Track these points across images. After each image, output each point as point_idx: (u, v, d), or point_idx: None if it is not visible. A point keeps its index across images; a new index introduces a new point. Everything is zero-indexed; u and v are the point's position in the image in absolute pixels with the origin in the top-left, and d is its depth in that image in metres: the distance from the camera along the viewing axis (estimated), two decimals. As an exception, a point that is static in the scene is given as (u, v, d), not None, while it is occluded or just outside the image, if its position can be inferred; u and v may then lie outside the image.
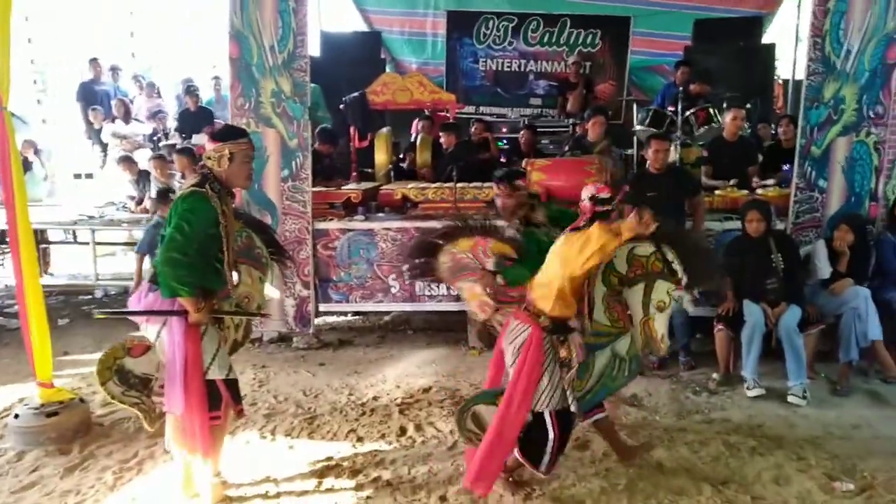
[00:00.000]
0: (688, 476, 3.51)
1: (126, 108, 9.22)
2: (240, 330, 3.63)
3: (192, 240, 2.94)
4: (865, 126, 5.15)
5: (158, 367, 3.25)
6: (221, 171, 3.06)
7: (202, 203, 2.98)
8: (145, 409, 3.21)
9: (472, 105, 9.36)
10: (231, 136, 3.13)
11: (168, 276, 2.93)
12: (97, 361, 3.14)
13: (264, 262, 3.67)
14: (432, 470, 3.62)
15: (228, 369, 3.19)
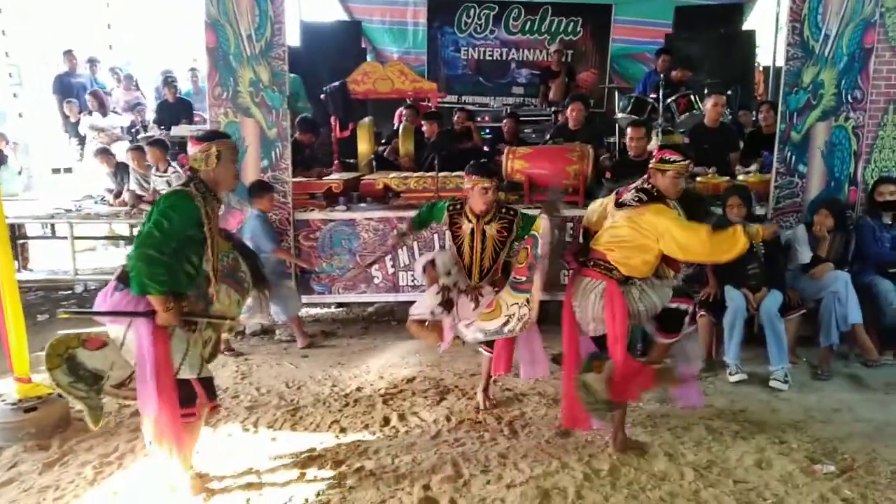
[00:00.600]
0: (671, 461, 3.52)
1: (101, 101, 9.06)
2: (208, 346, 3.46)
3: (170, 238, 2.88)
4: (844, 111, 5.17)
5: (112, 365, 3.15)
6: (209, 170, 3.02)
7: (185, 201, 2.92)
8: (91, 404, 3.09)
9: (454, 94, 9.31)
10: (216, 136, 3.13)
11: (141, 272, 2.84)
12: (47, 345, 3.04)
13: (246, 286, 3.57)
14: (416, 459, 3.60)
15: (200, 367, 3.13)
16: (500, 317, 3.96)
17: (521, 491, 3.25)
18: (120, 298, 2.97)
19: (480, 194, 3.92)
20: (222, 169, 3.05)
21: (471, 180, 3.95)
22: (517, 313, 3.94)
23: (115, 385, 3.21)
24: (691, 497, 3.19)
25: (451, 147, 6.93)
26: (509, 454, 3.64)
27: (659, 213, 3.31)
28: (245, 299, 3.58)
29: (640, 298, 3.42)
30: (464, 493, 3.27)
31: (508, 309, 3.99)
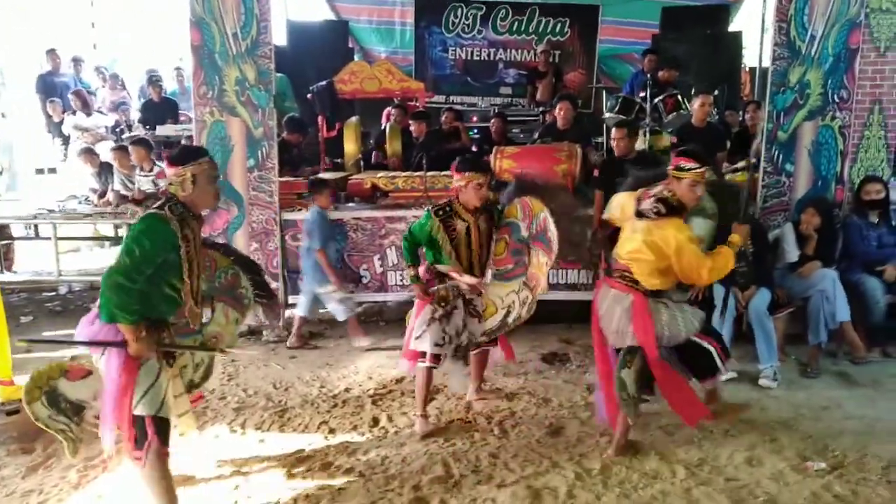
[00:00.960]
0: (662, 459, 3.51)
1: (84, 100, 8.97)
2: (199, 370, 3.33)
3: (141, 265, 2.70)
4: (830, 110, 5.19)
5: (96, 395, 2.97)
6: (186, 195, 2.86)
7: (159, 225, 2.75)
8: (71, 437, 2.92)
9: (442, 94, 9.30)
10: (190, 158, 2.91)
11: (110, 301, 2.66)
12: (28, 378, 2.89)
13: (246, 303, 3.44)
14: (406, 460, 3.57)
15: (160, 406, 2.82)
16: (498, 311, 4.01)
17: (511, 491, 3.23)
18: (99, 328, 2.80)
19: (475, 190, 3.87)
20: (199, 192, 2.88)
21: (464, 177, 3.89)
22: (517, 300, 3.98)
23: (97, 416, 2.98)
24: (683, 495, 3.18)
25: (440, 147, 6.91)
26: (500, 454, 3.61)
27: (679, 230, 3.26)
28: (245, 316, 3.49)
29: (667, 324, 3.38)
30: (454, 493, 3.24)
31: (504, 301, 4.00)
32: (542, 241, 3.90)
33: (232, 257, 3.45)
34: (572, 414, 4.11)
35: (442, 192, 5.75)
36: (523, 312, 3.97)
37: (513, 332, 5.17)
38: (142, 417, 2.79)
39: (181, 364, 3.11)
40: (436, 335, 3.83)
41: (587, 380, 4.68)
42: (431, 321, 3.86)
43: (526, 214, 3.98)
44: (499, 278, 4.05)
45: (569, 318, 5.84)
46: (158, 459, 2.83)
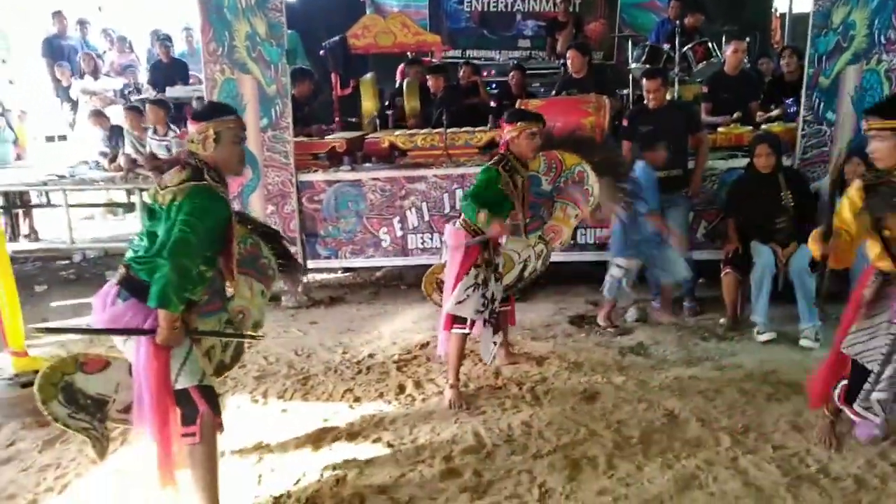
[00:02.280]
0: (704, 426, 3.34)
1: (95, 64, 8.75)
2: (228, 350, 3.09)
3: (206, 243, 2.47)
4: (877, 53, 4.85)
5: (118, 387, 2.73)
6: (207, 155, 2.56)
7: (215, 200, 2.50)
8: (96, 435, 2.67)
9: (458, 48, 8.94)
10: (215, 114, 2.64)
11: (172, 283, 2.39)
12: (39, 375, 2.62)
13: (270, 273, 3.20)
14: (435, 430, 3.43)
15: (202, 375, 2.61)
16: (515, 266, 3.92)
17: (548, 462, 3.07)
18: (124, 309, 2.53)
19: (528, 139, 3.62)
20: (222, 152, 2.59)
21: (517, 127, 3.62)
22: (532, 253, 3.90)
23: (122, 409, 2.77)
24: (730, 465, 3.01)
25: (459, 102, 6.65)
26: (533, 422, 3.46)
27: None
28: (270, 288, 3.25)
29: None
30: (487, 464, 3.09)
31: (521, 255, 3.92)
32: (572, 195, 3.70)
33: (249, 226, 3.20)
34: (606, 379, 3.94)
35: (462, 150, 5.54)
36: (539, 265, 3.86)
37: (537, 294, 5.04)
38: (185, 391, 2.57)
39: (207, 345, 2.89)
40: (478, 301, 3.63)
41: (618, 342, 4.50)
42: (476, 286, 3.62)
43: (551, 168, 3.80)
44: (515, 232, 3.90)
45: (597, 279, 5.63)
46: (212, 431, 2.62)
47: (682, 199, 4.89)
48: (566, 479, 2.95)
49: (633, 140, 4.94)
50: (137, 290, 2.51)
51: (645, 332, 4.67)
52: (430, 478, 3.01)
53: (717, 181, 5.19)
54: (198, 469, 2.60)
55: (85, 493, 3.02)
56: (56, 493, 3.02)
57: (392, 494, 2.90)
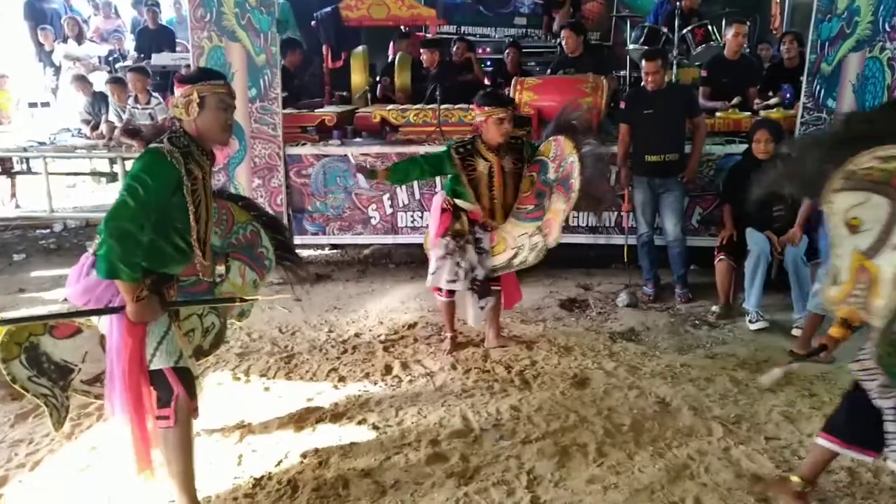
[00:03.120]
0: (696, 415, 3.27)
1: (79, 28, 8.51)
2: (209, 335, 2.97)
3: (147, 207, 2.31)
4: (880, 40, 4.76)
5: (85, 356, 2.62)
6: (190, 120, 2.44)
7: (160, 161, 2.35)
8: (54, 404, 2.56)
9: (453, 24, 8.76)
10: (202, 78, 2.50)
11: (112, 251, 2.24)
12: (4, 332, 2.48)
13: (267, 264, 3.11)
14: (422, 412, 3.34)
15: (179, 356, 2.48)
16: (506, 250, 3.83)
17: (537, 448, 3.00)
18: (97, 281, 2.40)
19: (496, 125, 3.67)
20: (206, 119, 2.44)
21: (484, 112, 3.69)
22: (527, 243, 3.76)
23: (88, 381, 2.69)
24: (722, 455, 2.95)
25: (452, 79, 6.51)
26: (522, 407, 3.38)
27: None
28: (264, 279, 3.14)
29: None
30: (475, 449, 3.02)
31: (516, 241, 3.81)
32: (563, 187, 3.59)
33: (253, 213, 3.09)
34: (596, 364, 3.86)
35: (455, 127, 5.42)
36: (530, 257, 3.74)
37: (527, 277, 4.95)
38: (161, 372, 2.46)
39: (187, 328, 2.78)
40: (450, 271, 3.79)
41: (609, 327, 4.43)
42: (445, 256, 3.79)
43: (557, 156, 3.68)
44: (516, 217, 3.84)
45: (588, 262, 5.57)
46: (188, 415, 2.50)
47: (676, 184, 4.80)
48: (555, 465, 2.88)
49: (630, 123, 4.84)
50: None
51: (636, 317, 4.60)
52: (416, 462, 2.94)
53: (714, 167, 5.11)
54: (172, 453, 2.49)
55: (57, 469, 2.92)
56: (28, 469, 2.92)
57: (376, 478, 2.82)
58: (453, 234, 3.80)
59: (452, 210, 3.84)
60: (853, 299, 2.22)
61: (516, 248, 3.78)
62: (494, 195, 3.78)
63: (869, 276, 2.19)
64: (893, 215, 2.11)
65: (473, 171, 3.76)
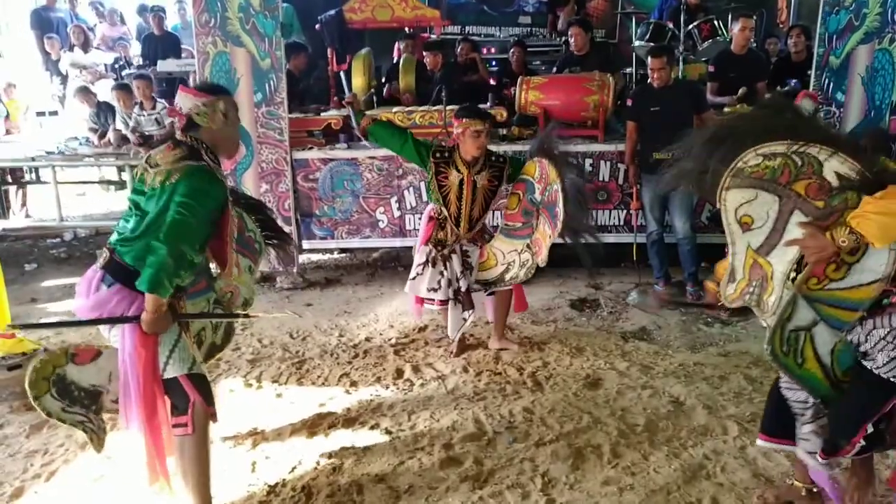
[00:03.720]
0: (711, 414, 3.25)
1: (85, 36, 8.54)
2: (219, 331, 3.00)
3: (204, 227, 2.35)
4: (889, 32, 4.73)
5: (111, 377, 2.57)
6: (215, 130, 2.47)
7: (214, 182, 2.37)
8: (92, 428, 2.54)
9: (458, 24, 8.74)
10: (220, 91, 2.57)
11: (166, 268, 2.25)
12: (30, 370, 2.45)
13: (256, 247, 3.08)
14: (434, 416, 3.33)
15: (192, 363, 2.50)
16: (497, 265, 3.90)
17: (551, 450, 2.98)
18: (109, 296, 2.39)
19: (472, 138, 3.70)
20: (227, 131, 2.50)
21: (461, 124, 3.72)
22: (518, 260, 3.83)
23: (117, 399, 2.59)
24: (738, 454, 2.93)
25: (458, 80, 6.50)
26: (535, 409, 3.37)
27: None
28: (258, 263, 3.11)
29: None
30: (489, 452, 3.01)
31: (505, 257, 3.89)
32: (549, 213, 3.60)
33: (231, 198, 2.98)
34: (609, 364, 3.85)
35: (462, 129, 5.39)
36: (521, 274, 3.79)
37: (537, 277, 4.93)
38: (175, 380, 2.47)
39: (197, 328, 2.79)
40: (430, 280, 3.83)
41: (621, 327, 4.41)
42: (426, 264, 3.84)
43: (542, 178, 3.69)
44: (505, 234, 3.91)
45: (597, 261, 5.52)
46: (205, 421, 2.51)
47: (686, 181, 4.77)
48: (570, 468, 2.87)
49: (637, 120, 4.82)
50: (122, 275, 2.38)
51: (647, 316, 4.58)
52: (430, 466, 2.93)
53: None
54: (188, 461, 2.49)
55: (72, 480, 2.92)
56: (43, 479, 2.92)
57: (390, 483, 2.82)
58: (435, 243, 3.87)
59: (437, 220, 3.89)
60: (748, 296, 2.30)
61: (507, 264, 3.86)
62: (462, 206, 3.84)
63: (761, 272, 2.25)
64: (782, 212, 2.16)
65: (445, 178, 3.82)
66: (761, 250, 2.23)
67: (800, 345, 2.20)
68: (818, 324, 2.18)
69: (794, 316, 2.18)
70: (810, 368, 2.22)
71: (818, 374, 2.23)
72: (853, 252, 2.08)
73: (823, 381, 2.23)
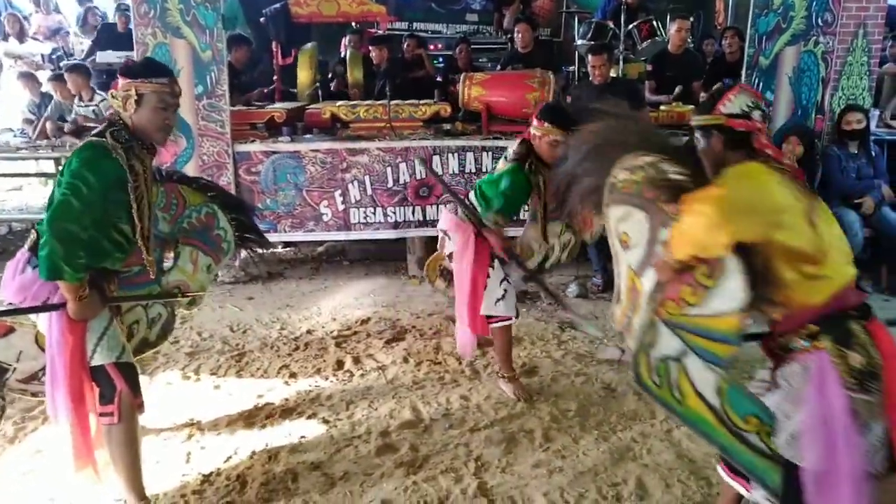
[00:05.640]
0: (640, 400, 3.36)
1: (20, 26, 8.27)
2: (155, 326, 2.87)
3: (90, 206, 2.24)
4: (814, 35, 4.95)
5: (20, 356, 2.54)
6: (128, 115, 2.37)
7: (102, 156, 2.27)
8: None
9: (405, 20, 8.77)
10: (143, 73, 2.38)
11: (56, 252, 2.19)
12: None
13: (224, 247, 2.96)
14: (372, 405, 3.37)
15: (121, 351, 2.45)
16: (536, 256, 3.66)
17: (485, 435, 3.06)
18: (33, 277, 2.36)
19: (550, 147, 3.19)
20: (143, 116, 2.36)
21: (542, 128, 3.22)
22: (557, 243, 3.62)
23: (23, 379, 2.60)
24: (664, 437, 3.05)
25: (403, 75, 6.53)
26: (471, 396, 3.44)
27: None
28: (220, 262, 3.00)
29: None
30: (424, 439, 3.06)
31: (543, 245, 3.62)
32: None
33: (209, 194, 2.95)
34: (545, 353, 3.94)
35: (405, 122, 5.44)
36: (563, 256, 3.63)
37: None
38: (102, 368, 2.42)
39: (130, 320, 2.74)
40: (513, 295, 3.46)
41: (559, 317, 4.51)
42: (504, 280, 3.42)
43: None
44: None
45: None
46: (132, 411, 2.47)
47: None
48: (503, 452, 2.94)
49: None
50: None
51: (585, 307, 4.69)
52: (366, 453, 2.97)
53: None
54: (116, 449, 2.48)
55: (1, 474, 2.86)
56: (-32, 474, 2.86)
57: (326, 470, 2.84)
58: (492, 257, 3.40)
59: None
60: (627, 320, 2.12)
61: (546, 251, 3.62)
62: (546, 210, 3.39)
63: (637, 295, 2.06)
64: (651, 229, 2.00)
65: (537, 187, 3.32)
66: (639, 270, 2.05)
67: (672, 377, 1.91)
68: (688, 354, 1.91)
69: (657, 342, 1.92)
70: (694, 407, 1.92)
71: (708, 418, 1.91)
72: (710, 275, 1.85)
73: (718, 427, 1.91)
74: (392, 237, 5.37)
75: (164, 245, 2.84)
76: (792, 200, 1.87)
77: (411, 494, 2.68)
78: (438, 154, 5.14)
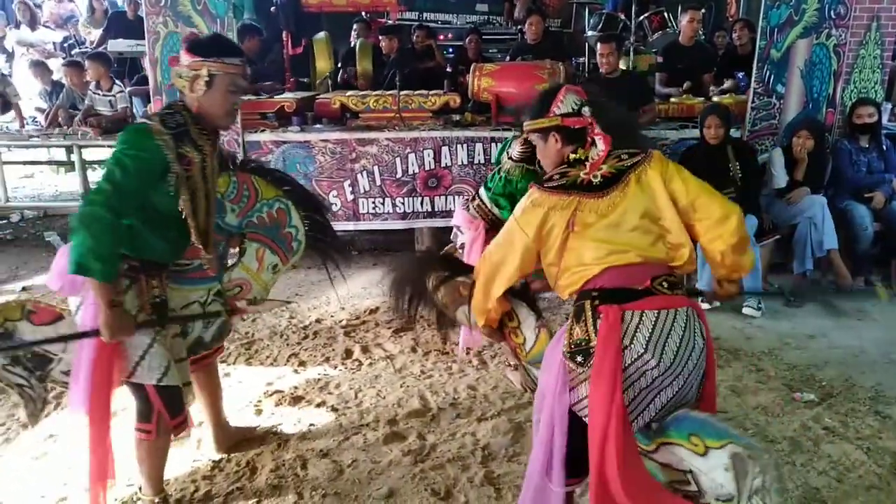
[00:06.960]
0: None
1: (31, 13, 8.31)
2: (211, 327, 2.61)
3: (128, 192, 2.06)
4: (826, 28, 4.92)
5: (66, 347, 2.34)
6: (194, 97, 2.20)
7: (144, 140, 2.10)
8: (31, 395, 2.33)
9: (415, 11, 8.77)
10: (216, 52, 2.21)
11: (84, 243, 1.99)
12: None
13: (294, 246, 2.79)
14: (381, 393, 3.40)
15: (163, 372, 2.28)
16: None
17: (492, 425, 3.08)
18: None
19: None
20: (213, 99, 2.19)
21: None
22: None
23: (68, 371, 2.37)
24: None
25: (413, 66, 6.53)
26: (479, 386, 3.46)
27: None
28: (287, 263, 2.82)
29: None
30: (432, 427, 3.09)
31: None
32: None
33: (284, 188, 2.76)
34: (553, 344, 3.95)
35: (415, 113, 5.44)
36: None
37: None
38: (142, 386, 2.30)
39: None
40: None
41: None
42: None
43: None
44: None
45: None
46: (167, 434, 2.40)
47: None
48: (510, 441, 2.96)
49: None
50: None
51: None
52: (374, 441, 2.99)
53: (668, 152, 5.22)
54: (146, 457, 2.44)
55: (12, 458, 2.91)
56: (-17, 458, 2.91)
57: (334, 458, 2.87)
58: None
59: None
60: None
61: None
62: None
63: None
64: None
65: None
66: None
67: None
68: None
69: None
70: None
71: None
72: (512, 319, 2.32)
73: None
74: (400, 227, 5.39)
75: (230, 239, 2.71)
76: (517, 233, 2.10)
77: (419, 482, 2.71)
78: (447, 145, 5.15)
